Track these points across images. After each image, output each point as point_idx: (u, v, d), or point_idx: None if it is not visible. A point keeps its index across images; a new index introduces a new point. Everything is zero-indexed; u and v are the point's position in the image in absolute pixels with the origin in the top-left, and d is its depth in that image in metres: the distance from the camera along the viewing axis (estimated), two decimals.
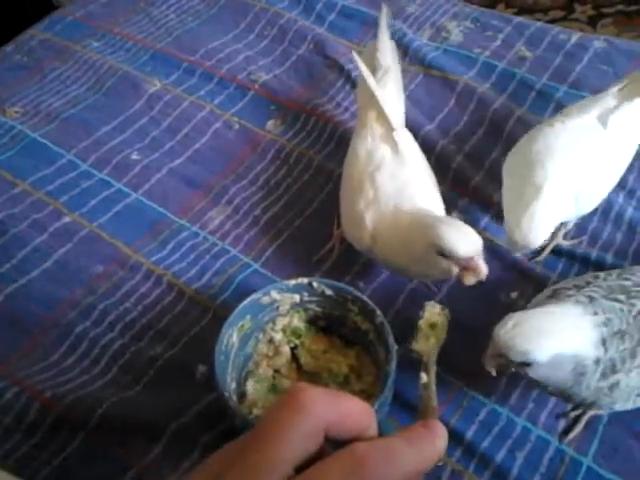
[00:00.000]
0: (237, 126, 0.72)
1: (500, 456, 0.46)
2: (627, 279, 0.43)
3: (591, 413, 0.46)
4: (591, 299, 0.42)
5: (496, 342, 0.40)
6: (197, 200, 0.65)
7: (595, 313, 0.41)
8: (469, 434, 0.47)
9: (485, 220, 0.62)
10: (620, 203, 0.62)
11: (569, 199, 0.50)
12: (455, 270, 0.46)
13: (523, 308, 0.45)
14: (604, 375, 0.40)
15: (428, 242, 0.46)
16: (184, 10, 0.88)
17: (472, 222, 0.61)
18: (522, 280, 0.57)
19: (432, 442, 0.26)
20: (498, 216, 0.62)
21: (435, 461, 0.26)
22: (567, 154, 0.51)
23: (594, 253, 0.58)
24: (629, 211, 0.61)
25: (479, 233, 0.59)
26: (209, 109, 0.74)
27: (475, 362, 0.51)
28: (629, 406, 0.42)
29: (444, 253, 0.46)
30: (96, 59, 0.80)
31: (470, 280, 0.46)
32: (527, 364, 0.40)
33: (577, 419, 0.46)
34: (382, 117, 0.57)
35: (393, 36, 0.67)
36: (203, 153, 0.69)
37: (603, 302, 0.41)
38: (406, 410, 0.48)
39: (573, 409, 0.47)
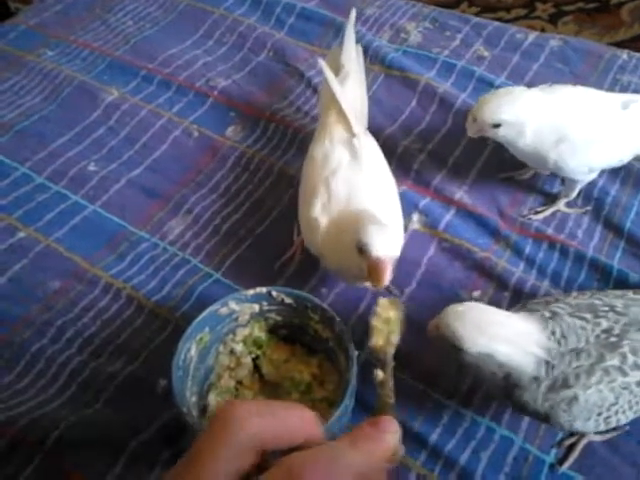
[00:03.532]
0: (196, 133, 0.71)
1: (464, 457, 0.46)
2: (599, 299, 0.44)
3: (585, 441, 0.46)
4: (554, 314, 0.42)
5: (440, 317, 0.42)
6: (156, 210, 0.63)
7: (553, 332, 0.41)
8: (433, 437, 0.47)
9: (446, 219, 0.61)
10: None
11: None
12: (365, 270, 0.45)
13: None
14: (553, 389, 0.40)
15: (352, 237, 0.46)
16: (141, 17, 0.87)
17: (433, 222, 0.61)
18: (484, 279, 0.57)
19: (380, 439, 0.26)
20: (459, 215, 0.62)
21: (386, 458, 0.26)
22: None
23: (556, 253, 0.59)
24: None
25: (440, 233, 0.60)
26: (168, 117, 0.72)
27: (438, 364, 0.51)
28: (591, 426, 0.42)
29: (361, 248, 0.45)
30: (51, 68, 0.78)
31: (370, 284, 0.46)
32: (457, 348, 0.40)
33: (572, 447, 0.47)
34: (342, 120, 0.56)
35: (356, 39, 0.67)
36: (162, 162, 0.68)
37: (566, 318, 0.42)
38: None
39: (566, 437, 0.47)
